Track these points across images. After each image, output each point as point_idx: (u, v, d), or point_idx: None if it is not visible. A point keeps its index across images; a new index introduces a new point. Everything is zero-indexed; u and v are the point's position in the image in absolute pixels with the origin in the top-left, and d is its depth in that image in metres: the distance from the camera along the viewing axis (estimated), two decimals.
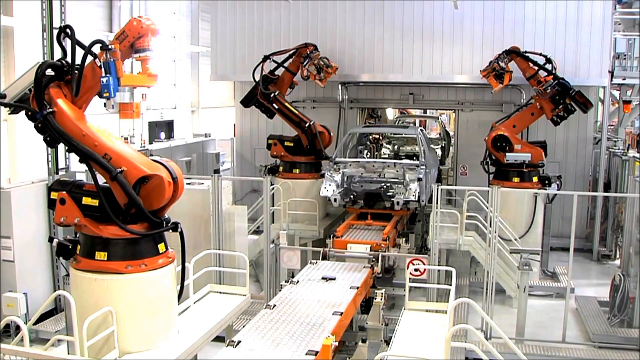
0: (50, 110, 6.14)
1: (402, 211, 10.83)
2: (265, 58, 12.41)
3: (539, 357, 8.89)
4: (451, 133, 18.26)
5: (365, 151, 13.23)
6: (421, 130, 13.21)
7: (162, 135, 18.35)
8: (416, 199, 10.60)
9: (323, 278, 7.81)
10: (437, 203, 9.59)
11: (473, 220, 10.97)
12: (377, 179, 10.96)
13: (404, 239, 10.61)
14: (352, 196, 10.93)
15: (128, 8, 17.99)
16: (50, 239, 6.83)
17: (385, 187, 10.75)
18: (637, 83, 15.09)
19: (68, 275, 8.20)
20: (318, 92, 15.50)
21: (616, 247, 13.94)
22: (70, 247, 6.48)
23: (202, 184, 10.19)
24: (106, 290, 6.09)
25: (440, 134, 19.13)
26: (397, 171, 11.13)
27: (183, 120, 22.31)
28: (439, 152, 16.91)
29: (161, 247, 6.46)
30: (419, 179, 10.69)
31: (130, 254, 6.25)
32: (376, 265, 8.62)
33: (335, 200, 10.58)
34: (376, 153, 15.62)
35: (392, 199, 10.41)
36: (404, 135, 16.74)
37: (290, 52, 12.63)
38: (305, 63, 12.54)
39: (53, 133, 6.19)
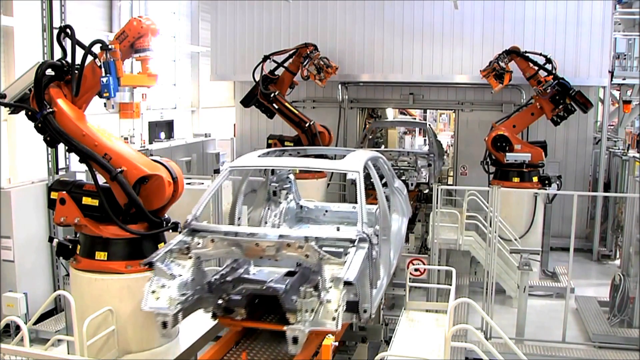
0: (50, 110, 6.15)
1: (320, 335, 5.31)
2: (265, 58, 12.41)
3: (539, 357, 8.88)
4: (448, 139, 17.80)
5: (275, 205, 7.69)
6: (376, 162, 7.20)
7: (162, 135, 18.33)
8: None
9: None
10: (437, 203, 9.60)
11: (473, 220, 10.97)
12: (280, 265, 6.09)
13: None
14: (221, 301, 5.55)
15: (128, 8, 17.97)
16: (50, 239, 6.86)
17: (286, 288, 5.38)
18: (637, 83, 15.08)
19: (68, 275, 8.21)
20: (318, 92, 15.49)
21: (616, 247, 13.93)
22: (70, 247, 6.50)
23: (202, 184, 10.20)
24: (106, 290, 6.10)
25: (428, 148, 15.15)
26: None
27: (183, 120, 22.29)
28: (424, 172, 13.22)
29: (161, 246, 6.47)
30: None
31: (130, 253, 6.26)
32: None
33: (164, 324, 5.19)
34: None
35: (293, 305, 5.12)
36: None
37: (290, 52, 12.63)
38: (305, 63, 12.53)
39: (53, 133, 6.20)
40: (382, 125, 18.25)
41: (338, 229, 6.80)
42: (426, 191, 13.78)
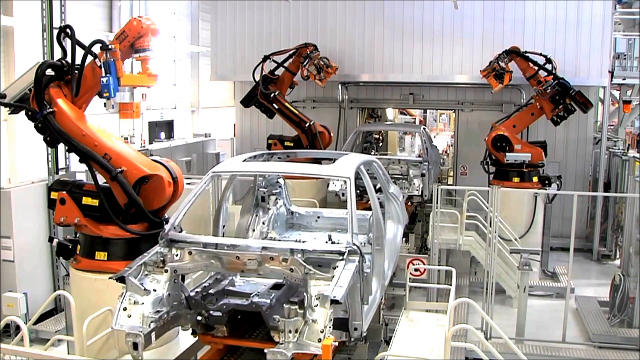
0: (50, 110, 6.16)
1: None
2: (265, 58, 12.41)
3: (539, 357, 8.88)
4: (448, 139, 17.42)
5: (264, 211, 7.29)
6: (369, 166, 7.02)
7: (162, 135, 18.34)
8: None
9: None
10: (437, 203, 9.59)
11: (473, 220, 10.97)
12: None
13: (404, 239, 10.54)
14: (200, 318, 5.24)
15: (128, 8, 17.97)
16: (50, 239, 6.87)
17: (270, 303, 5.15)
18: (637, 83, 15.08)
19: (68, 275, 8.22)
20: (318, 92, 15.49)
21: (616, 247, 13.93)
22: (70, 247, 6.50)
23: None
24: (106, 290, 6.09)
25: (420, 154, 13.61)
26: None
27: (183, 120, 22.29)
28: (417, 182, 11.57)
29: None
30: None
31: (130, 253, 6.26)
32: None
33: (135, 346, 4.73)
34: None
35: (277, 323, 4.73)
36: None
37: (290, 52, 12.63)
38: (305, 63, 12.53)
39: (53, 133, 6.21)
40: (371, 128, 16.43)
41: (330, 237, 6.57)
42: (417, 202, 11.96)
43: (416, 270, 9.05)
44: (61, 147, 7.38)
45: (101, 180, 6.41)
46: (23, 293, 9.08)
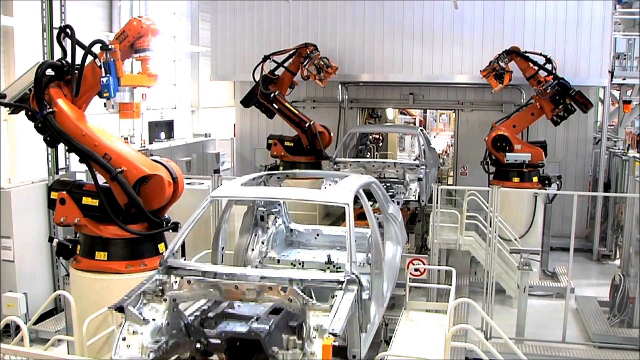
0: (50, 110, 6.16)
1: None
2: (265, 58, 12.42)
3: (539, 357, 8.89)
4: (448, 139, 17.38)
5: (263, 231, 7.29)
6: (368, 187, 6.88)
7: (162, 135, 18.33)
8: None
9: None
10: (437, 203, 9.60)
11: (473, 220, 10.97)
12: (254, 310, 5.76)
13: None
14: (199, 345, 5.19)
15: (128, 8, 17.97)
16: (50, 239, 6.87)
17: (269, 330, 5.17)
18: (637, 83, 15.08)
19: (68, 275, 8.22)
20: (318, 92, 15.50)
21: (616, 247, 13.93)
22: (70, 247, 6.50)
23: (202, 184, 10.19)
24: (106, 290, 6.10)
25: (418, 156, 12.78)
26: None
27: (183, 120, 22.29)
28: (414, 186, 11.07)
29: (161, 247, 6.49)
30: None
31: (130, 253, 6.27)
32: None
33: None
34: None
35: (276, 354, 4.90)
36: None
37: (290, 52, 12.63)
38: (305, 63, 12.54)
39: (53, 133, 6.21)
40: (366, 130, 16.15)
41: (329, 257, 6.70)
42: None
43: (416, 270, 9.06)
44: (61, 147, 7.38)
45: (101, 180, 6.41)
46: (23, 293, 9.08)
